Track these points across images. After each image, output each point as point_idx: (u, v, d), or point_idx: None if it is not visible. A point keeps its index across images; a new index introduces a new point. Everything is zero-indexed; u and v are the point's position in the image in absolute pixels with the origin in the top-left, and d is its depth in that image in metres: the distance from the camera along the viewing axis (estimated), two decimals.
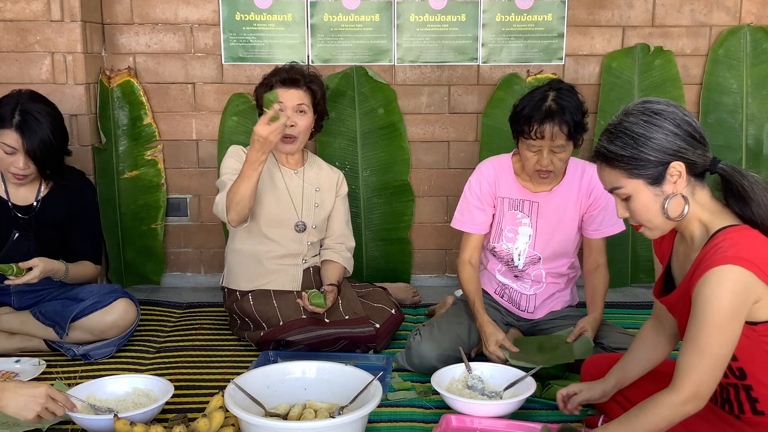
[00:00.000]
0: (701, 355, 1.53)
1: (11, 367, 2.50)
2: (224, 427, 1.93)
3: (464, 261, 2.62)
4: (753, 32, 3.43)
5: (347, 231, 2.99)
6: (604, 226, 2.56)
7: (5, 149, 2.50)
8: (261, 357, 2.54)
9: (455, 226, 2.66)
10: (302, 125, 2.76)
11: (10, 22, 3.13)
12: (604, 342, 2.44)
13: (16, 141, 2.48)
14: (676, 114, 1.62)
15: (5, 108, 2.50)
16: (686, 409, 1.57)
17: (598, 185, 2.49)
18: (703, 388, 1.55)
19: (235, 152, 2.81)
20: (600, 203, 2.54)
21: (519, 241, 2.59)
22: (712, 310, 1.52)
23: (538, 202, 2.55)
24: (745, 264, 1.51)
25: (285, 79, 2.76)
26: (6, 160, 2.52)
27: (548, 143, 2.37)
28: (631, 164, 1.62)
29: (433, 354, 2.41)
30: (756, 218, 1.60)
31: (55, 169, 2.61)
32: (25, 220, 2.64)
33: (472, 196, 2.61)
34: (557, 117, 2.33)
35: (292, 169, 2.88)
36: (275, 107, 2.52)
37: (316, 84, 2.83)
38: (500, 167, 2.60)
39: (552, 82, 2.47)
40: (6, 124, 2.48)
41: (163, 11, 3.37)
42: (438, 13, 3.39)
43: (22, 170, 2.53)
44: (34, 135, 2.49)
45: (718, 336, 1.52)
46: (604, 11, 3.43)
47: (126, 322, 2.61)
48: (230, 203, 2.61)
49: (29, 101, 2.54)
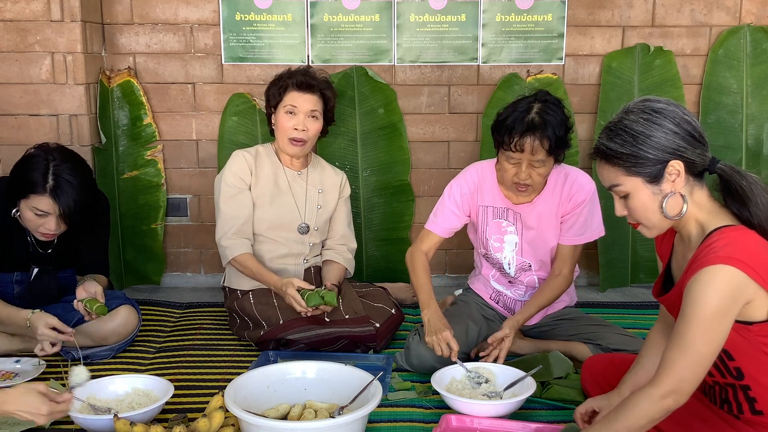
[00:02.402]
0: (684, 352, 1.53)
1: (11, 367, 2.50)
2: (224, 427, 1.93)
3: (421, 250, 2.55)
4: (753, 32, 3.43)
5: (349, 232, 2.99)
6: (571, 234, 2.50)
7: (37, 213, 2.37)
8: (261, 357, 2.54)
9: (428, 227, 2.60)
10: (312, 130, 2.77)
11: (10, 22, 3.13)
12: (603, 343, 2.44)
13: (50, 206, 2.35)
14: (676, 113, 1.62)
15: (36, 173, 2.34)
16: (665, 403, 1.55)
17: (580, 192, 2.47)
18: (684, 383, 1.54)
19: (238, 167, 2.78)
20: (575, 209, 2.48)
21: (506, 249, 2.57)
22: (699, 308, 1.52)
23: (521, 213, 2.52)
24: (737, 264, 1.51)
25: (301, 82, 2.74)
26: (36, 222, 2.39)
27: (528, 156, 2.30)
28: (630, 162, 1.62)
29: (431, 354, 2.40)
30: (753, 219, 1.60)
31: (86, 225, 2.48)
32: (46, 255, 2.60)
33: (450, 200, 2.56)
34: (539, 131, 2.26)
35: (296, 170, 2.88)
36: (325, 308, 2.58)
37: (331, 91, 2.83)
38: (484, 174, 2.55)
39: (539, 93, 2.38)
40: (39, 190, 2.33)
41: (163, 11, 3.37)
42: (438, 13, 3.39)
43: (54, 231, 2.41)
44: (68, 198, 2.34)
45: (703, 334, 1.52)
46: (604, 11, 3.43)
47: (127, 329, 2.61)
48: (237, 268, 2.74)
49: (61, 162, 2.37)
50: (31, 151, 2.43)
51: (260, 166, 2.83)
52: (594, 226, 2.50)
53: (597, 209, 2.51)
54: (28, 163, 2.38)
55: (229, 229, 2.74)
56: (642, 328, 2.79)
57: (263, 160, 2.84)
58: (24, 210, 2.40)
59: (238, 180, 2.78)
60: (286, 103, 2.74)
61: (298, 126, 2.73)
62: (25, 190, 2.36)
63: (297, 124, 2.73)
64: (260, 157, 2.85)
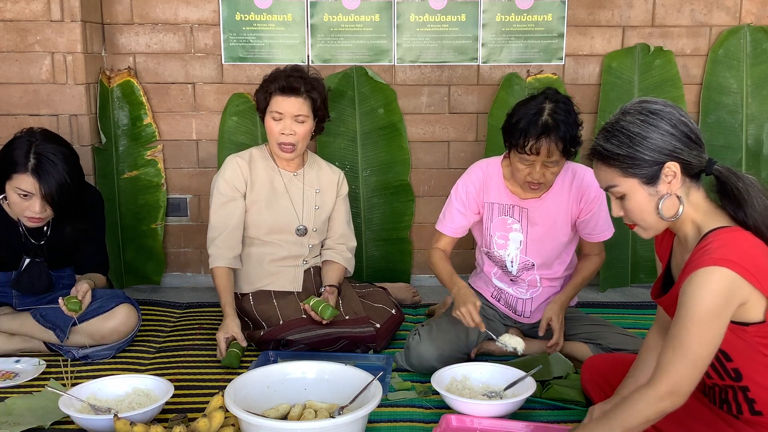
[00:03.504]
0: (680, 353, 1.53)
1: (11, 367, 2.50)
2: (224, 427, 1.93)
3: (437, 248, 2.63)
4: (753, 32, 3.43)
5: (348, 231, 2.98)
6: (597, 231, 2.54)
7: (20, 194, 2.39)
8: (261, 357, 2.54)
9: (439, 228, 2.64)
10: (301, 133, 2.73)
11: (10, 22, 3.13)
12: (603, 343, 2.44)
13: (33, 185, 2.36)
14: (673, 114, 1.62)
15: (18, 151, 2.38)
16: (663, 405, 1.55)
17: (589, 189, 2.48)
18: (682, 385, 1.54)
19: (231, 175, 2.76)
20: (592, 208, 2.50)
21: (510, 247, 2.57)
22: (693, 309, 1.52)
23: (528, 208, 2.52)
24: (731, 266, 1.51)
25: (284, 87, 2.69)
26: (21, 205, 2.41)
27: (543, 158, 2.31)
28: (626, 163, 1.62)
29: (431, 354, 2.40)
30: (749, 220, 1.60)
31: (72, 211, 2.50)
32: (37, 246, 2.60)
33: (457, 200, 2.58)
34: (553, 133, 2.27)
35: (292, 171, 2.86)
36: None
37: (317, 91, 2.75)
38: (489, 172, 2.55)
39: (548, 91, 2.38)
40: (20, 169, 2.36)
41: (163, 11, 3.37)
42: (438, 13, 3.39)
43: (38, 214, 2.42)
44: (51, 178, 2.36)
45: (699, 335, 1.52)
46: (604, 11, 3.43)
47: (127, 328, 2.61)
48: (212, 277, 2.76)
49: (43, 142, 2.41)
50: (17, 134, 2.48)
51: (255, 171, 2.80)
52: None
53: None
54: (12, 144, 2.44)
55: (215, 237, 2.74)
56: (642, 328, 2.79)
57: (258, 164, 2.82)
58: (9, 193, 2.43)
59: (230, 188, 2.75)
60: (272, 108, 2.71)
61: (285, 131, 2.70)
62: (8, 170, 2.40)
63: (284, 129, 2.70)
64: (255, 161, 2.82)
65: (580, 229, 2.56)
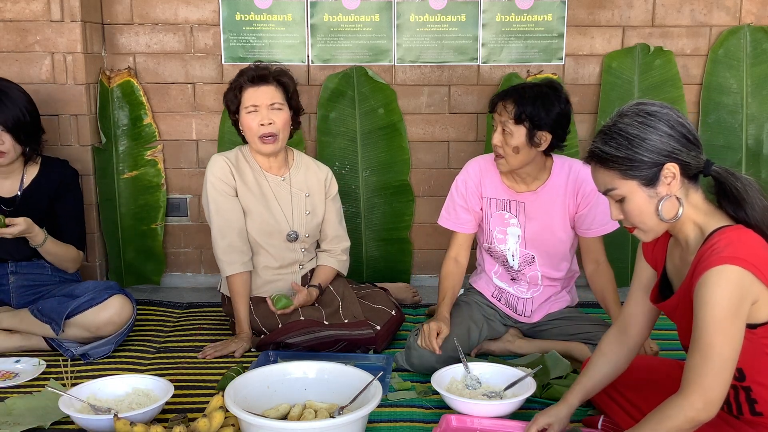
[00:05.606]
0: (707, 358, 1.52)
1: (11, 367, 2.50)
2: (224, 427, 1.93)
3: (449, 257, 2.63)
4: (753, 32, 3.43)
5: (341, 231, 2.92)
6: (596, 225, 2.52)
7: None
8: (261, 357, 2.54)
9: (440, 223, 2.67)
10: (280, 121, 2.67)
11: (10, 22, 3.13)
12: None
13: None
14: (670, 116, 1.62)
15: None
16: (699, 418, 1.53)
17: (585, 183, 2.48)
18: (714, 392, 1.52)
19: (220, 170, 2.71)
20: (589, 201, 2.49)
21: (509, 241, 2.58)
22: (712, 311, 1.51)
23: (524, 202, 2.53)
24: (741, 263, 1.51)
25: (253, 77, 2.67)
26: None
27: (498, 118, 2.39)
28: (625, 165, 1.62)
29: (432, 354, 2.40)
30: (750, 220, 1.60)
31: (32, 144, 2.67)
32: (9, 212, 2.65)
33: (458, 195, 2.60)
34: (516, 96, 2.36)
35: (278, 175, 2.79)
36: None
37: (287, 77, 2.73)
38: (486, 167, 2.58)
39: (549, 80, 2.47)
40: None
41: (163, 11, 3.37)
42: (438, 13, 3.39)
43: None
44: (7, 109, 2.57)
45: (721, 336, 1.51)
46: (604, 11, 3.43)
47: (122, 318, 2.60)
48: (228, 285, 2.76)
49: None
50: None
51: (242, 173, 2.75)
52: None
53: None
54: None
55: (223, 242, 2.70)
56: None
57: (244, 168, 2.76)
58: None
59: (223, 184, 2.70)
60: (245, 103, 2.66)
61: (264, 121, 2.64)
62: None
63: (262, 120, 2.64)
64: (240, 162, 2.76)
65: (579, 225, 2.54)
